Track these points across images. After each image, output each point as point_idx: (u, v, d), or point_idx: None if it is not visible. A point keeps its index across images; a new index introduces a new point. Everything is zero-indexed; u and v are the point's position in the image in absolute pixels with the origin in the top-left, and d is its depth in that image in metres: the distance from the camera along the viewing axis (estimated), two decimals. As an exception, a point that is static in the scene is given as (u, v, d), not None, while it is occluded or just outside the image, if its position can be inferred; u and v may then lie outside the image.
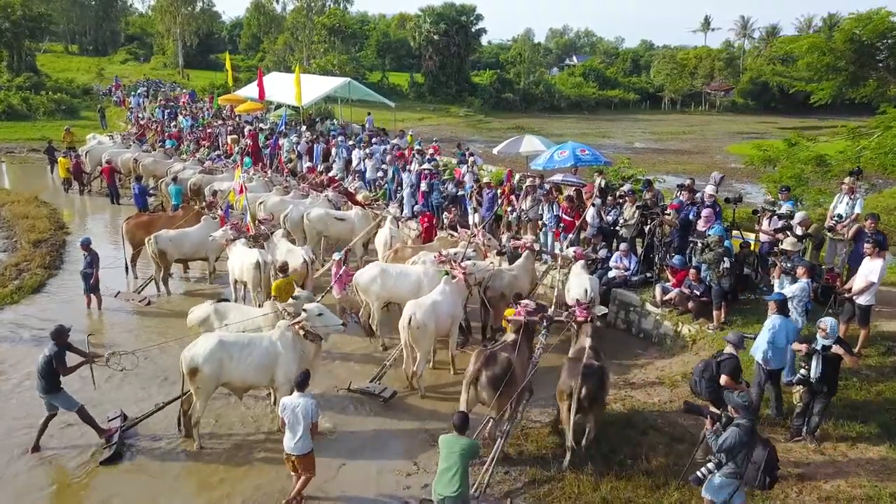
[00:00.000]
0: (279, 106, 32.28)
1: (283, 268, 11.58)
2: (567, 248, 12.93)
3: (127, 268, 15.58)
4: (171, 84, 61.07)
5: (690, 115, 75.38)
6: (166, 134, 30.19)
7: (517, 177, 17.94)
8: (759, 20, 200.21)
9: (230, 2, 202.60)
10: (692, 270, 11.76)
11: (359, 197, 17.74)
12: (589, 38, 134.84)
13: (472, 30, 70.70)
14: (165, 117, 35.85)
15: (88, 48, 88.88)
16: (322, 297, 11.89)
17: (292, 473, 7.77)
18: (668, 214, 12.72)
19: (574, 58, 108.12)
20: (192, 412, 8.87)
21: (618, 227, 13.59)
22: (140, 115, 37.93)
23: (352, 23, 69.76)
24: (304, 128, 26.68)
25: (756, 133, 58.82)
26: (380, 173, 19.97)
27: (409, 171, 18.24)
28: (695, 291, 11.66)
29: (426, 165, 17.90)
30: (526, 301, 9.63)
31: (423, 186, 17.30)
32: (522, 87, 71.71)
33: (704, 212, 12.24)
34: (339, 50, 60.57)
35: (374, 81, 66.51)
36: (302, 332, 8.78)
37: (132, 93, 49.39)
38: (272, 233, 13.72)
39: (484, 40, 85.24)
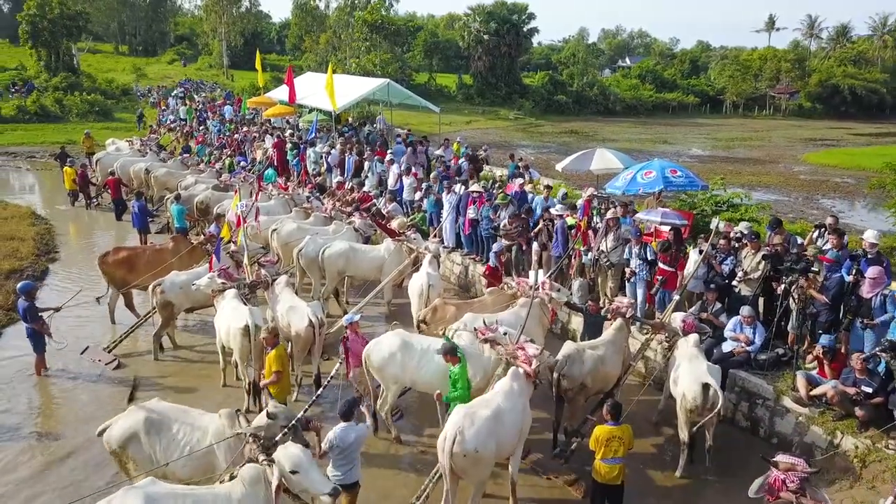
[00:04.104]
0: (311, 110, 29.29)
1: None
2: (671, 313, 9.38)
3: (112, 315, 12.64)
4: (213, 84, 59.38)
5: (754, 119, 70.86)
6: (189, 139, 27.60)
7: (588, 192, 13.96)
8: (827, 20, 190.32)
9: (278, 3, 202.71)
10: (855, 357, 8.20)
11: (393, 224, 14.36)
12: (643, 39, 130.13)
13: (524, 29, 67.60)
14: (194, 121, 33.46)
15: (138, 49, 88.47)
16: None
17: None
18: (815, 271, 9.11)
19: (627, 59, 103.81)
20: None
21: (734, 283, 10.08)
22: (167, 118, 35.67)
23: (397, 21, 66.94)
24: (335, 135, 23.53)
25: (830, 140, 54.31)
26: (418, 194, 16.55)
27: (455, 192, 14.94)
28: (863, 388, 8.07)
29: (474, 187, 14.50)
30: (782, 456, 5.77)
31: (471, 213, 14.02)
32: (576, 89, 67.95)
33: (870, 271, 8.59)
34: (382, 49, 57.67)
35: (421, 83, 63.88)
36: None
37: (170, 94, 47.52)
38: (274, 279, 10.52)
39: (534, 41, 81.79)
